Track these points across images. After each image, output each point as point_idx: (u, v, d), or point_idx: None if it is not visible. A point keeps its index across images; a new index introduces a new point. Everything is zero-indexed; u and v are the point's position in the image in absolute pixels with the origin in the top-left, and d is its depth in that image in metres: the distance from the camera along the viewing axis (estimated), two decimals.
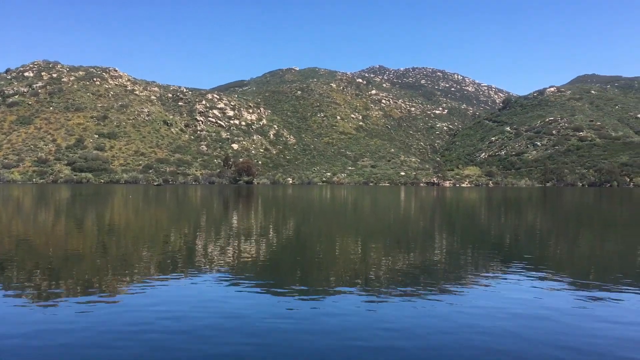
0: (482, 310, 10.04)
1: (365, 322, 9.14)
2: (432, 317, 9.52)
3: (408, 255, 17.20)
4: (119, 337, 8.17)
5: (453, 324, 9.07)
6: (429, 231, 27.08)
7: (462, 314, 9.69)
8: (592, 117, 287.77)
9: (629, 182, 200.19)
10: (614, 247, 21.17)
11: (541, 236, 25.07)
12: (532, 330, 8.74)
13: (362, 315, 9.55)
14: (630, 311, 10.05)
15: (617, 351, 7.73)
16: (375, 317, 9.47)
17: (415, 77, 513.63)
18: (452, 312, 9.83)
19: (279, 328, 8.69)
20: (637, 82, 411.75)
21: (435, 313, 9.78)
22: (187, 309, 9.85)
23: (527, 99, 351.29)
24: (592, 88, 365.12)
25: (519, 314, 9.77)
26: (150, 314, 9.46)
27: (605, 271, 14.88)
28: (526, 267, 14.98)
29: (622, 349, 7.84)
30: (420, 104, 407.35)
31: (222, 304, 10.32)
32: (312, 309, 9.97)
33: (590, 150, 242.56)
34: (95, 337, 8.14)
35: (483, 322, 9.23)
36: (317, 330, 8.60)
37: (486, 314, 9.73)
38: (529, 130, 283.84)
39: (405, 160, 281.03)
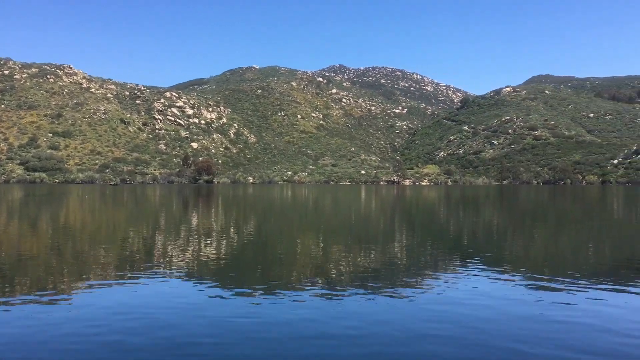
0: (442, 306, 10.15)
1: (327, 318, 9.11)
2: (394, 313, 9.57)
3: (369, 253, 17.29)
4: (74, 339, 7.94)
5: (414, 319, 9.13)
6: (389, 229, 27.32)
7: (422, 310, 9.78)
8: (546, 117, 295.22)
9: (582, 179, 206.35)
10: (567, 243, 21.76)
11: (498, 233, 25.61)
12: (486, 326, 8.87)
13: (324, 313, 9.52)
14: (582, 310, 10.31)
15: (567, 348, 7.90)
16: (337, 313, 9.46)
17: (375, 77, 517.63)
18: (413, 309, 9.90)
19: (239, 325, 8.60)
20: (588, 83, 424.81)
21: (396, 309, 9.83)
22: (145, 310, 9.65)
23: (484, 99, 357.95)
24: (546, 88, 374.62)
25: (475, 310, 9.91)
26: (106, 315, 9.23)
27: (558, 267, 15.28)
28: (483, 263, 15.23)
29: (571, 348, 8.03)
30: (380, 103, 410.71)
31: (182, 303, 10.15)
32: (273, 306, 9.90)
33: (544, 149, 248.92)
34: (49, 341, 7.89)
35: (442, 318, 9.33)
36: (279, 327, 8.54)
37: (446, 310, 9.83)
38: (486, 129, 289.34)
39: (366, 159, 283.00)
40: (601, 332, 8.48)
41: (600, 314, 9.58)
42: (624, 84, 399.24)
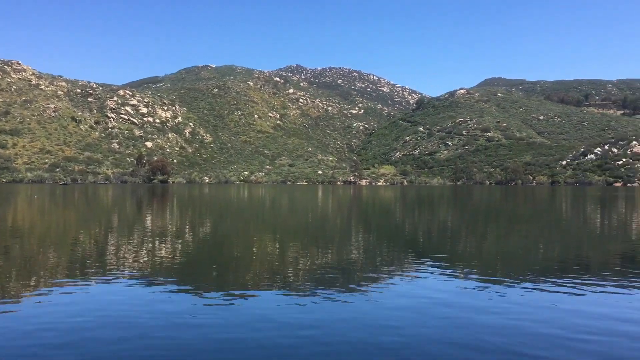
0: (399, 305, 10.28)
1: (284, 319, 9.07)
2: (351, 313, 9.61)
3: (326, 253, 17.32)
4: (23, 343, 7.67)
5: (371, 319, 9.19)
6: (346, 229, 27.44)
7: (379, 310, 9.86)
8: (498, 119, 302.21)
9: (532, 180, 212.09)
10: (518, 242, 22.30)
11: (452, 232, 26.05)
12: (441, 325, 9.01)
13: (281, 313, 9.48)
14: (535, 307, 10.56)
15: (519, 346, 8.08)
16: (294, 314, 9.43)
17: (332, 77, 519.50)
18: (370, 308, 9.96)
19: (195, 327, 8.46)
20: (539, 86, 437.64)
21: (353, 309, 9.88)
22: (95, 311, 9.41)
23: (439, 100, 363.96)
24: (498, 91, 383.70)
25: (429, 309, 10.07)
26: (56, 318, 8.94)
27: (510, 265, 15.66)
28: (438, 262, 15.49)
29: (521, 344, 8.21)
30: (337, 104, 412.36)
31: (136, 306, 9.93)
32: (229, 307, 9.80)
33: (497, 150, 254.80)
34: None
35: (399, 317, 9.44)
36: (234, 328, 8.44)
37: (402, 309, 9.96)
38: (441, 130, 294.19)
39: (323, 159, 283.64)
40: (552, 328, 8.72)
41: (548, 310, 9.88)
42: (572, 87, 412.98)
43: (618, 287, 12.04)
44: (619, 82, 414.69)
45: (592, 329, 8.66)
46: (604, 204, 55.35)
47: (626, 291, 11.59)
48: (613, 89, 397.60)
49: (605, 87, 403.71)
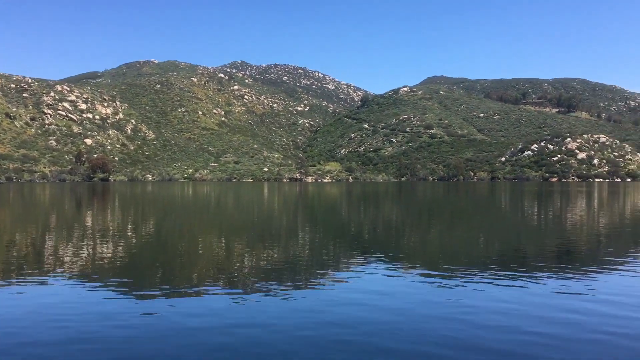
0: (347, 301, 10.32)
1: (230, 319, 8.96)
2: (297, 311, 9.57)
3: (272, 251, 17.24)
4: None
5: (317, 317, 9.18)
6: (292, 226, 27.42)
7: (327, 306, 9.86)
8: (441, 116, 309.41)
9: (473, 176, 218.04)
10: (460, 236, 22.88)
11: (397, 228, 26.45)
12: (390, 319, 9.12)
13: (226, 313, 9.35)
14: (478, 299, 10.82)
15: (468, 337, 8.25)
16: (241, 313, 9.33)
17: (277, 74, 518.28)
18: (317, 306, 9.96)
19: (136, 329, 8.25)
20: (479, 84, 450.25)
21: (300, 307, 9.85)
22: (31, 316, 9.03)
23: (383, 98, 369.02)
24: (440, 89, 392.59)
25: (377, 303, 10.16)
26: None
27: (453, 259, 16.02)
28: (384, 257, 15.72)
29: (470, 335, 8.39)
30: (283, 101, 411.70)
31: (73, 308, 9.59)
32: (172, 308, 9.60)
33: (439, 146, 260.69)
34: None
35: (347, 312, 9.47)
36: (178, 330, 8.28)
37: (350, 304, 10.01)
38: (385, 127, 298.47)
39: (269, 156, 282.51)
40: (496, 318, 8.96)
41: (491, 302, 10.14)
42: (511, 86, 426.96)
43: (555, 278, 12.50)
44: (554, 81, 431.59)
45: (531, 318, 8.95)
46: (540, 199, 57.45)
47: (563, 282, 12.04)
48: (549, 88, 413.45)
49: (542, 86, 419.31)
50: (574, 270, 13.53)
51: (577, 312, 9.36)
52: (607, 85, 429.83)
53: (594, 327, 8.48)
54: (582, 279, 12.38)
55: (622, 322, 8.82)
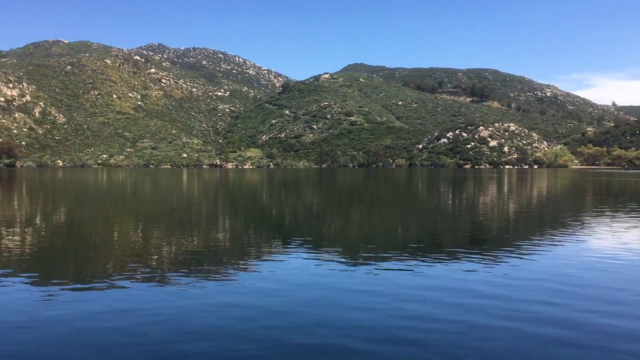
0: (267, 290, 10.26)
1: (148, 310, 8.65)
2: (219, 300, 9.38)
3: (192, 239, 16.86)
4: None
5: (240, 305, 9.03)
6: (212, 213, 26.96)
7: (248, 295, 9.73)
8: (361, 103, 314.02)
9: (392, 163, 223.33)
10: (379, 221, 23.33)
11: (318, 214, 26.60)
12: (309, 306, 9.15)
13: (145, 302, 9.02)
14: (396, 284, 11.03)
15: (387, 323, 8.36)
16: (160, 302, 9.02)
17: (196, 58, 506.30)
18: (237, 293, 9.83)
19: (46, 322, 7.78)
20: (397, 73, 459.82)
21: (217, 298, 9.65)
22: None
23: (304, 84, 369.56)
24: (360, 76, 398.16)
25: (296, 291, 10.19)
26: None
27: (372, 244, 16.29)
28: (304, 244, 15.76)
29: (390, 317, 8.52)
30: (202, 85, 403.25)
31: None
32: (86, 299, 9.14)
33: (359, 133, 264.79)
34: None
35: (268, 301, 9.41)
36: (91, 321, 7.88)
37: (270, 293, 9.95)
38: (306, 114, 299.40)
39: (188, 142, 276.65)
40: (414, 303, 9.17)
41: (409, 287, 10.38)
42: (428, 75, 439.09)
43: (468, 262, 12.98)
44: (469, 71, 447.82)
45: (450, 301, 9.25)
46: (455, 185, 59.63)
47: (475, 266, 12.51)
48: (463, 78, 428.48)
49: (457, 76, 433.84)
50: (487, 255, 14.12)
51: (489, 297, 9.73)
52: (517, 76, 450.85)
53: (503, 313, 8.82)
54: (494, 264, 12.95)
55: (528, 306, 9.24)
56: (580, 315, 8.41)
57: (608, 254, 13.95)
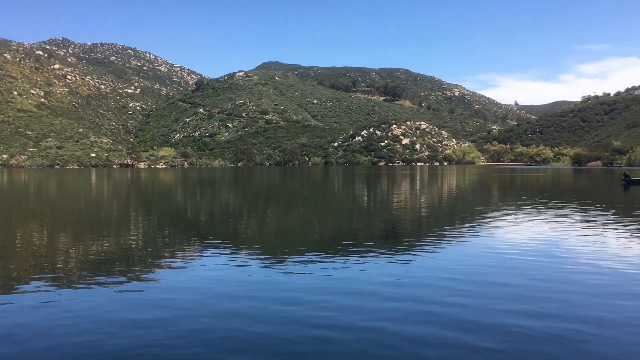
0: (182, 289, 10.05)
1: (58, 314, 8.16)
2: (135, 301, 9.05)
3: (102, 241, 16.10)
4: None
5: (149, 307, 8.75)
6: (124, 215, 25.92)
7: (164, 296, 9.47)
8: (276, 102, 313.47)
9: (308, 161, 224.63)
10: (297, 219, 23.34)
11: (234, 213, 26.22)
12: (228, 304, 9.04)
13: (52, 306, 8.46)
14: (315, 277, 11.10)
15: (307, 314, 8.30)
16: (66, 308, 8.49)
17: (104, 53, 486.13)
18: (143, 299, 9.53)
19: None
20: (312, 71, 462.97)
21: (136, 298, 9.32)
22: None
23: (218, 82, 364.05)
24: (276, 75, 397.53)
25: (213, 290, 10.01)
26: None
27: (290, 241, 16.31)
28: (220, 244, 15.55)
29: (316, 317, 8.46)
30: (111, 82, 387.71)
31: None
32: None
33: (275, 132, 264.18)
34: None
35: (184, 300, 9.20)
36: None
37: (187, 293, 9.74)
38: (221, 112, 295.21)
39: (96, 141, 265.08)
40: (335, 295, 9.23)
41: (328, 280, 10.49)
42: (342, 74, 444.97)
43: (384, 255, 13.30)
44: (381, 71, 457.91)
45: (362, 292, 9.39)
46: (369, 182, 60.78)
47: (394, 258, 12.77)
48: (376, 77, 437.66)
49: (370, 75, 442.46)
50: (399, 250, 14.56)
51: (395, 299, 9.93)
52: (427, 76, 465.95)
53: (402, 315, 9.08)
54: (405, 261, 13.42)
55: (428, 307, 9.46)
56: (487, 312, 8.72)
57: (513, 249, 14.83)
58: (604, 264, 12.05)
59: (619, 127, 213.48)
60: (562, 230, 17.56)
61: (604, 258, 12.70)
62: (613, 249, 14.04)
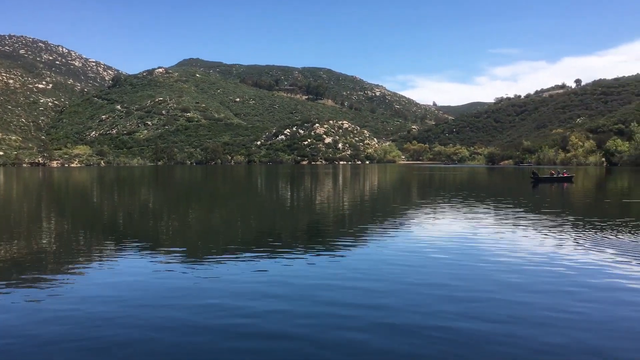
0: (102, 295, 9.60)
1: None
2: (27, 314, 8.47)
3: (8, 246, 14.98)
4: None
5: (53, 321, 8.27)
6: (34, 217, 24.47)
7: (78, 304, 8.97)
8: (197, 99, 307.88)
9: (231, 159, 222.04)
10: (219, 218, 22.92)
11: (155, 213, 25.41)
12: (129, 313, 8.72)
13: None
14: (241, 274, 10.94)
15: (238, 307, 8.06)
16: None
17: (13, 46, 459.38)
18: (70, 302, 9.00)
19: None
20: (234, 69, 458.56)
21: (49, 305, 8.83)
22: None
23: (137, 78, 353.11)
24: (197, 72, 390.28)
25: (130, 300, 9.65)
26: None
27: (212, 241, 15.98)
28: (142, 244, 14.95)
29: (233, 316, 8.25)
30: (20, 77, 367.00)
31: None
32: None
33: (197, 130, 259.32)
34: None
35: (103, 310, 8.79)
36: None
37: (104, 300, 9.32)
38: (140, 109, 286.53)
39: (4, 138, 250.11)
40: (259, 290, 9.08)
41: (253, 276, 10.32)
42: (265, 72, 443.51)
43: (308, 255, 13.29)
44: (304, 70, 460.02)
45: (286, 296, 9.35)
46: (293, 181, 60.77)
47: (317, 259, 12.75)
48: (299, 76, 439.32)
49: (293, 74, 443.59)
50: (322, 250, 14.55)
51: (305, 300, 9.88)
52: (349, 76, 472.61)
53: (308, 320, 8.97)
54: (328, 262, 13.36)
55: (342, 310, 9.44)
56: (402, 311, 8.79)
57: (432, 247, 15.26)
58: (517, 260, 12.55)
59: (529, 128, 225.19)
60: (478, 228, 18.18)
61: (518, 255, 13.24)
62: (526, 245, 14.65)
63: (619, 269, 11.21)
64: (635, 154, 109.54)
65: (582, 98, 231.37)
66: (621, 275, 10.67)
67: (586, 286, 9.83)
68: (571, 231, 16.83)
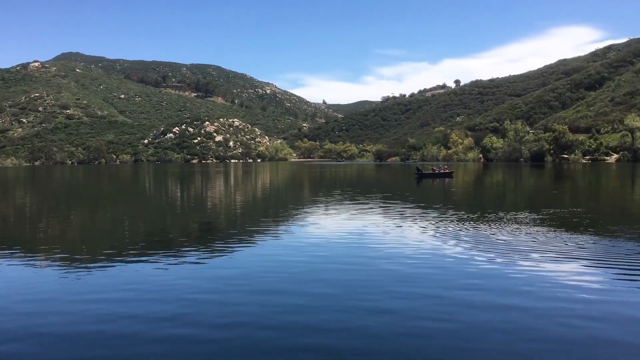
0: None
1: None
2: None
3: None
4: None
5: None
6: None
7: None
8: (78, 95, 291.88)
9: (116, 159, 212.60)
10: (104, 220, 21.89)
11: (32, 216, 23.80)
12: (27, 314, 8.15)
13: None
14: (125, 277, 10.59)
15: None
16: None
17: None
18: None
19: None
20: (118, 65, 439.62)
21: None
22: None
23: (9, 72, 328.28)
24: (77, 66, 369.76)
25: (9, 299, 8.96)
26: None
27: (96, 244, 15.39)
28: (16, 250, 14.06)
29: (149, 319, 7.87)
30: None
31: None
32: None
33: (78, 128, 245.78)
34: None
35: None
36: None
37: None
38: (14, 106, 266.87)
39: None
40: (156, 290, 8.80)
41: (144, 279, 9.99)
42: (151, 68, 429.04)
43: (202, 252, 13.04)
44: (192, 67, 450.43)
45: (177, 288, 9.16)
46: (183, 180, 59.32)
47: (203, 260, 12.63)
48: (187, 73, 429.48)
49: (181, 70, 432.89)
50: (215, 247, 14.42)
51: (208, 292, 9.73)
52: (239, 73, 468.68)
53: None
54: (223, 256, 13.21)
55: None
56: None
57: (324, 245, 15.56)
58: (403, 252, 13.13)
59: (413, 126, 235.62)
60: (368, 222, 18.70)
61: (405, 247, 13.84)
62: (411, 238, 15.28)
63: (474, 259, 11.99)
64: (509, 151, 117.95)
65: (461, 97, 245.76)
66: (472, 264, 11.43)
67: (447, 273, 10.43)
68: (439, 224, 17.77)
